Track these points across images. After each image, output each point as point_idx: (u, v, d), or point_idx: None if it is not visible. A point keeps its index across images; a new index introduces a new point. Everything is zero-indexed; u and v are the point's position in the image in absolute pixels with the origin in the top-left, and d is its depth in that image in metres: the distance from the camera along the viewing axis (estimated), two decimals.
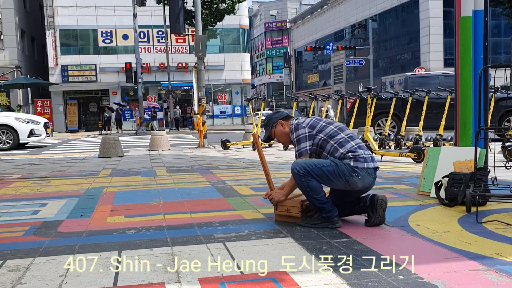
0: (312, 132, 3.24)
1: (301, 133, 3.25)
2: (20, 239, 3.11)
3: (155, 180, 5.82)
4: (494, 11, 24.87)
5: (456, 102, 4.37)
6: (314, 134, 3.24)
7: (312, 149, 3.26)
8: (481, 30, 4.19)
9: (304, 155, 3.25)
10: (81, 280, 2.29)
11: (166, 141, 10.93)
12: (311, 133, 3.24)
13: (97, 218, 3.69)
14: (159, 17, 27.71)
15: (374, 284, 2.14)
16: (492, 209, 3.69)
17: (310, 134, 3.24)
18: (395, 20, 39.98)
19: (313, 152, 3.30)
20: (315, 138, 3.23)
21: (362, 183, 3.15)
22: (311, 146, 3.25)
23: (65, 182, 5.87)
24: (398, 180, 5.37)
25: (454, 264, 2.40)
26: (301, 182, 3.15)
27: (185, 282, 2.23)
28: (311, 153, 3.29)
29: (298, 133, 3.26)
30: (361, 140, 3.34)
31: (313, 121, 3.31)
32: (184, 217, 3.64)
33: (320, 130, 3.25)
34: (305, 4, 66.87)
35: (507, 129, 8.78)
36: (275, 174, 6.00)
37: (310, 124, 3.28)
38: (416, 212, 3.64)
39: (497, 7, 22.27)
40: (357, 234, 3.02)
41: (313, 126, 3.27)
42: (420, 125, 9.18)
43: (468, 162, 4.08)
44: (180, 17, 10.77)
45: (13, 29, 27.47)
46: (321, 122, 3.31)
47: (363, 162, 3.12)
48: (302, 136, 3.24)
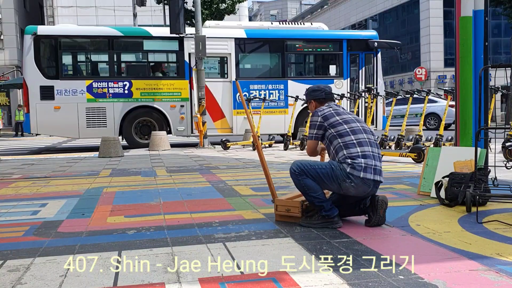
0: (323, 123, 3.30)
1: (313, 120, 3.37)
2: (20, 239, 3.11)
3: (155, 180, 5.81)
4: (494, 11, 24.87)
5: (457, 102, 4.37)
6: (325, 125, 3.29)
7: (319, 137, 3.34)
8: (481, 30, 4.19)
9: (312, 140, 3.41)
10: (81, 280, 2.29)
11: (166, 141, 10.92)
12: (321, 124, 3.30)
13: (97, 218, 3.69)
14: (159, 17, 27.72)
15: (374, 284, 2.14)
16: (492, 209, 3.69)
17: (321, 124, 3.31)
18: (395, 20, 40.00)
19: (324, 143, 3.39)
20: (326, 130, 3.29)
21: (355, 190, 3.15)
22: (318, 135, 3.34)
23: (65, 182, 5.87)
24: (398, 180, 5.37)
25: (454, 264, 2.40)
26: (297, 180, 3.22)
27: (185, 282, 2.23)
28: (326, 144, 3.34)
29: (311, 119, 3.39)
30: (371, 150, 3.19)
31: (330, 113, 3.32)
32: (184, 217, 3.64)
33: (332, 125, 3.26)
34: (305, 4, 66.92)
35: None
36: (275, 174, 6.00)
37: (325, 115, 3.32)
38: (416, 212, 3.64)
39: (497, 7, 22.27)
40: (357, 234, 3.02)
41: (327, 118, 3.30)
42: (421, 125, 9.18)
43: (468, 162, 4.08)
44: (180, 17, 10.76)
45: (13, 29, 27.48)
46: (337, 117, 3.29)
47: (360, 171, 3.10)
48: (312, 124, 3.37)
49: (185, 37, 11.66)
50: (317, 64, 13.23)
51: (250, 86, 12.14)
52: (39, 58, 11.16)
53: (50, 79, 11.15)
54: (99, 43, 11.92)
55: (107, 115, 11.42)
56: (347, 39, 12.58)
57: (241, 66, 12.37)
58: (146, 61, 12.18)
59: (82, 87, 11.28)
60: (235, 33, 12.12)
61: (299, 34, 12.53)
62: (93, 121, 11.39)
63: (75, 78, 11.64)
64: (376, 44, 12.42)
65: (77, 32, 11.89)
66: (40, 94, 11.03)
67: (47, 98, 11.07)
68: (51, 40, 11.32)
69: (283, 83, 12.29)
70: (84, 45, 12.01)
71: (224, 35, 12.06)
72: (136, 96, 11.58)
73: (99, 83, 11.44)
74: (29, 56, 11.06)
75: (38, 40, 11.14)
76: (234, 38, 12.05)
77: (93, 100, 11.36)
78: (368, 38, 12.53)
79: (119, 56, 11.89)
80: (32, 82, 11.04)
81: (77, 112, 11.27)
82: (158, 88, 11.62)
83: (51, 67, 11.44)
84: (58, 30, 11.90)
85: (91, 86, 11.35)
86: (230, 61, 12.07)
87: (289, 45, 12.42)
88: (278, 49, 12.42)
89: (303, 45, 12.55)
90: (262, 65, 13.31)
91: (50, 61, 11.50)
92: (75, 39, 11.79)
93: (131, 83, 11.55)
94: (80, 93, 11.25)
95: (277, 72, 12.58)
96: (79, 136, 11.47)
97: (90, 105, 11.35)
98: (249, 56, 12.81)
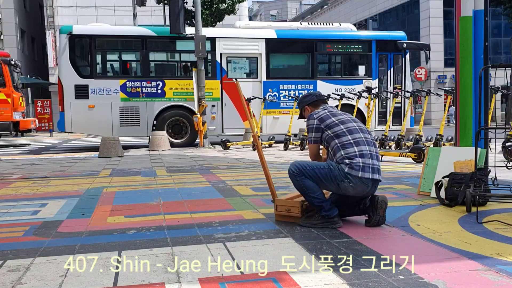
0: (320, 125, 3.29)
1: (310, 124, 3.36)
2: (20, 239, 3.11)
3: (155, 180, 5.81)
4: (494, 11, 24.87)
5: (457, 102, 4.37)
6: (322, 127, 3.28)
7: (318, 140, 3.33)
8: (481, 30, 4.19)
9: (312, 144, 3.39)
10: (81, 280, 2.28)
11: (166, 141, 10.93)
12: (318, 126, 3.30)
13: (97, 218, 3.69)
14: (159, 17, 27.69)
15: (374, 284, 2.14)
16: (493, 209, 3.69)
17: (318, 126, 3.30)
18: (395, 20, 39.96)
19: (323, 145, 3.38)
20: (323, 132, 3.28)
21: (354, 190, 3.15)
22: (317, 138, 3.33)
23: (65, 182, 5.87)
24: (398, 180, 5.37)
25: (454, 264, 2.40)
26: (296, 181, 3.22)
27: (185, 282, 2.23)
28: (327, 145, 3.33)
29: (308, 123, 3.39)
30: (368, 149, 3.19)
31: (325, 115, 3.31)
32: (184, 217, 3.64)
33: (328, 127, 3.26)
34: (305, 4, 66.91)
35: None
36: (276, 174, 6.00)
37: (320, 117, 3.31)
38: (416, 212, 3.64)
39: (497, 7, 22.28)
40: (357, 234, 3.02)
41: (323, 120, 3.29)
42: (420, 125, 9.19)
43: (468, 162, 4.08)
44: (180, 17, 10.77)
45: (13, 29, 27.46)
46: (333, 118, 3.29)
47: (358, 171, 3.10)
48: (310, 127, 3.36)
49: (217, 38, 11.83)
50: (346, 65, 13.29)
51: (280, 86, 12.26)
52: (74, 58, 11.33)
53: (85, 78, 11.33)
54: (132, 43, 12.05)
55: (140, 114, 11.58)
56: (376, 39, 12.68)
57: (271, 66, 12.47)
58: (178, 61, 12.28)
59: (116, 87, 11.42)
60: (266, 33, 12.23)
61: (329, 35, 12.64)
62: (127, 120, 11.55)
63: (109, 78, 11.81)
64: (404, 45, 12.53)
65: (112, 31, 12.05)
66: (74, 93, 11.21)
67: (81, 97, 11.26)
68: (85, 39, 11.47)
69: (313, 83, 12.40)
70: (118, 44, 12.13)
71: (255, 36, 12.17)
72: (168, 96, 11.70)
73: (132, 82, 11.59)
74: (64, 55, 11.22)
75: (73, 39, 11.29)
76: (265, 39, 12.16)
77: (126, 99, 11.51)
78: (397, 39, 12.64)
79: (153, 56, 12.01)
80: (67, 81, 11.21)
81: (111, 111, 11.42)
82: (190, 88, 11.72)
83: (85, 66, 11.60)
84: (93, 29, 11.95)
85: (124, 86, 11.50)
86: (261, 61, 12.18)
87: (318, 45, 12.53)
88: (308, 50, 12.54)
89: (332, 45, 12.65)
90: (291, 65, 13.44)
91: (84, 61, 11.66)
92: (110, 38, 11.94)
93: (164, 83, 11.68)
94: (114, 92, 11.41)
95: (307, 72, 12.68)
96: (112, 135, 11.57)
97: (124, 104, 11.50)
98: (279, 56, 12.92)
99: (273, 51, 12.36)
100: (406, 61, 12.64)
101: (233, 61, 12.17)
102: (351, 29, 13.09)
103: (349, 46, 12.68)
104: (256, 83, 12.26)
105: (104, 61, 12.11)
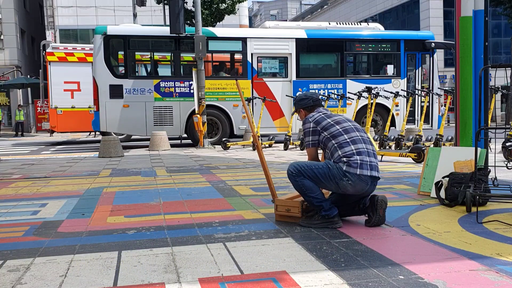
0: (316, 127, 3.30)
1: (306, 128, 3.36)
2: (20, 239, 3.11)
3: (155, 180, 5.81)
4: (494, 11, 24.85)
5: (457, 102, 4.37)
6: (318, 130, 3.29)
7: (316, 143, 3.33)
8: (481, 30, 4.19)
9: (310, 148, 3.38)
10: (81, 280, 2.28)
11: (166, 141, 10.94)
12: (315, 129, 3.30)
13: (97, 218, 3.69)
14: (159, 17, 27.70)
15: (374, 284, 2.14)
16: (493, 209, 3.69)
17: (314, 129, 3.31)
18: (395, 20, 39.96)
19: (320, 147, 3.37)
20: (320, 134, 3.29)
21: (353, 188, 3.15)
22: (314, 141, 3.32)
23: (65, 182, 5.87)
24: (398, 180, 5.37)
25: (454, 264, 2.40)
26: (295, 182, 3.23)
27: (185, 282, 2.23)
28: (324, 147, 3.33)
29: (304, 127, 3.38)
30: (365, 146, 3.21)
31: (320, 117, 3.32)
32: (184, 217, 3.64)
33: (325, 128, 3.27)
34: (305, 4, 66.92)
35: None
36: (275, 174, 6.00)
37: (316, 120, 3.32)
38: (416, 212, 3.64)
39: (497, 7, 22.26)
40: (357, 234, 3.02)
41: (318, 122, 3.30)
42: (420, 125, 9.18)
43: (468, 162, 4.08)
44: (180, 17, 10.78)
45: (13, 29, 27.47)
46: (328, 120, 3.30)
47: (356, 168, 3.10)
48: (307, 131, 3.36)
49: (248, 38, 11.88)
50: (375, 64, 13.32)
51: (309, 85, 12.30)
52: (108, 58, 11.38)
53: (119, 78, 11.41)
54: (165, 43, 12.10)
55: (173, 114, 11.68)
56: (405, 39, 12.69)
57: (301, 65, 12.51)
58: (210, 61, 12.31)
59: (150, 86, 11.51)
60: (296, 33, 12.27)
61: (358, 34, 12.66)
62: (160, 119, 11.63)
63: (143, 78, 11.93)
64: (433, 45, 12.56)
65: (145, 32, 12.12)
66: (109, 92, 11.29)
67: (116, 97, 11.34)
68: (120, 40, 11.53)
69: (342, 82, 12.44)
70: (151, 45, 12.18)
71: (285, 36, 12.21)
72: None
73: (166, 82, 11.65)
74: (99, 55, 11.29)
75: (108, 40, 11.35)
76: (295, 39, 12.19)
77: (160, 99, 11.59)
78: (425, 39, 12.67)
79: (185, 56, 12.09)
80: (102, 81, 11.29)
81: (145, 111, 11.51)
82: (221, 88, 11.85)
83: (120, 66, 11.67)
84: (127, 30, 11.99)
85: (158, 85, 11.57)
86: (291, 61, 12.23)
87: (348, 45, 12.57)
88: (337, 49, 12.57)
89: (361, 45, 12.67)
90: (321, 65, 13.49)
91: (119, 61, 11.72)
92: (143, 39, 12.01)
93: None
94: (148, 92, 11.48)
95: (336, 71, 12.74)
96: (146, 134, 11.68)
97: (157, 104, 11.57)
98: (309, 56, 12.96)
99: (303, 50, 12.41)
100: (434, 61, 12.68)
101: (264, 61, 12.21)
102: (379, 28, 13.14)
103: (377, 46, 12.72)
104: (286, 82, 12.29)
105: (137, 61, 12.24)
